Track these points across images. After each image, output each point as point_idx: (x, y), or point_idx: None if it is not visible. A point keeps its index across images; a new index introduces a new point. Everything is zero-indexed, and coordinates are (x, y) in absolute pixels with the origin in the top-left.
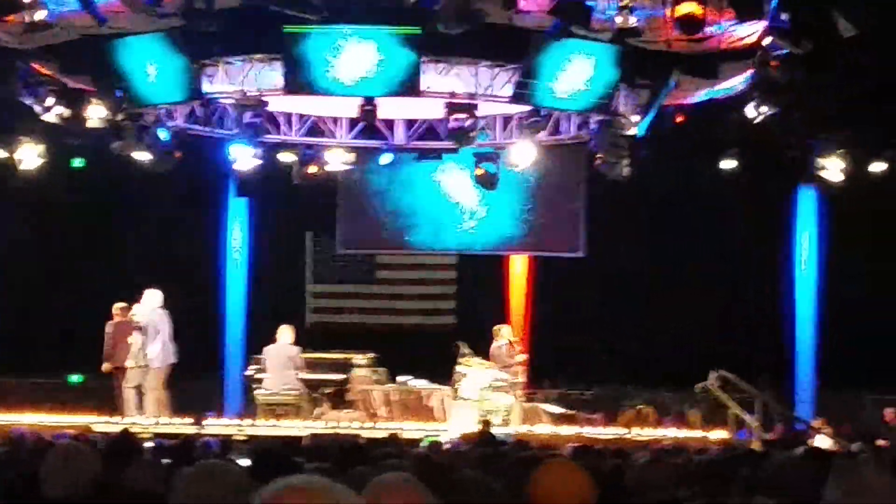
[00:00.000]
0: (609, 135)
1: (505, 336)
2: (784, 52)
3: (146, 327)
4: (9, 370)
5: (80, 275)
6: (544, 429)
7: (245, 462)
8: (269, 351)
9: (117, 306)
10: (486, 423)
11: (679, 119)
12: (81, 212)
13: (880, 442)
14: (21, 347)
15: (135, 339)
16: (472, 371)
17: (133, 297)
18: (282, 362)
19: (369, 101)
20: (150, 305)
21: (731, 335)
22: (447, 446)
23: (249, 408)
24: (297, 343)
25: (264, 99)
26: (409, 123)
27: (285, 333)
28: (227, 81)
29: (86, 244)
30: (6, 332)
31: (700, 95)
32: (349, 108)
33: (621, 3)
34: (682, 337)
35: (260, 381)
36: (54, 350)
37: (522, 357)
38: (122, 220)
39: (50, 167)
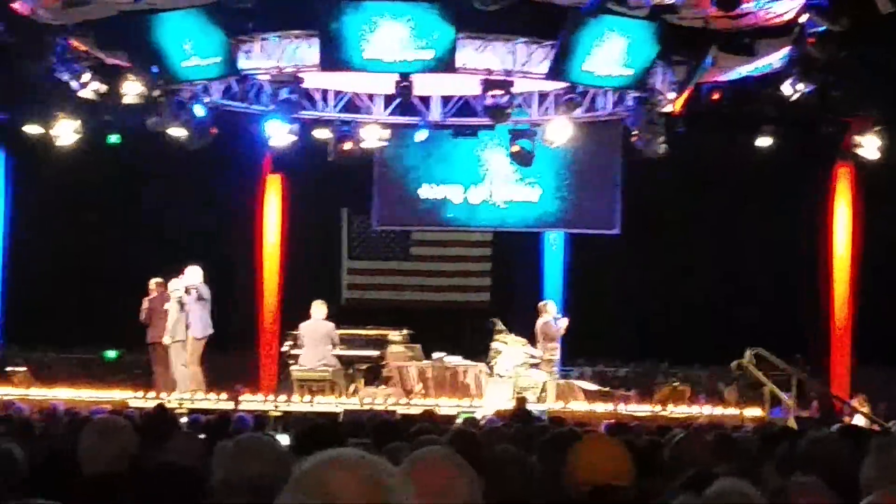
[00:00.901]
0: (645, 112)
1: (550, 312)
2: (821, 28)
3: (189, 299)
4: (46, 345)
5: (117, 251)
6: (579, 406)
7: (282, 437)
8: (304, 327)
9: (154, 281)
10: (522, 400)
11: (715, 96)
12: (117, 188)
13: None
14: (58, 323)
15: (171, 313)
16: (508, 348)
17: (168, 274)
18: (317, 338)
19: (405, 77)
20: (197, 279)
21: (766, 312)
22: (482, 423)
23: (285, 384)
24: (332, 319)
25: (300, 75)
26: (446, 100)
27: (318, 309)
28: (263, 57)
29: (122, 220)
30: (43, 307)
31: (737, 72)
32: (385, 84)
33: None
34: (717, 314)
35: (295, 357)
36: (91, 326)
37: (565, 322)
38: (158, 196)
39: (86, 143)
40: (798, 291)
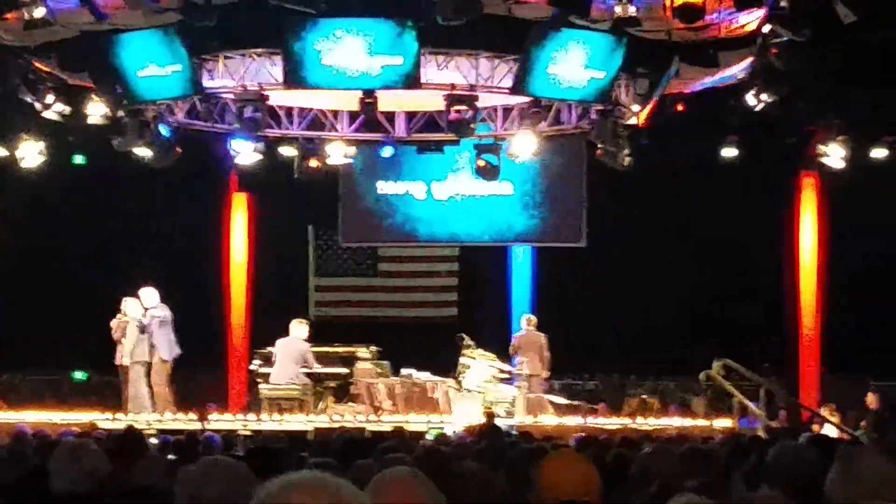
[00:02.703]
0: (610, 125)
1: (532, 325)
2: (784, 39)
3: (149, 324)
4: (12, 368)
5: (83, 271)
6: (549, 419)
7: None
8: (279, 344)
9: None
10: (490, 415)
11: (679, 107)
12: (83, 209)
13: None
14: (24, 345)
15: (129, 336)
16: (476, 363)
17: (133, 294)
18: (290, 357)
19: (369, 93)
20: (149, 303)
21: (734, 323)
22: (452, 439)
23: (254, 402)
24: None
25: (264, 93)
26: (410, 116)
27: (299, 328)
28: (226, 76)
29: (88, 241)
30: (9, 329)
31: (700, 84)
32: (349, 101)
33: None
34: (685, 326)
35: (263, 375)
36: (57, 347)
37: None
38: (124, 217)
39: (51, 164)
40: (765, 300)
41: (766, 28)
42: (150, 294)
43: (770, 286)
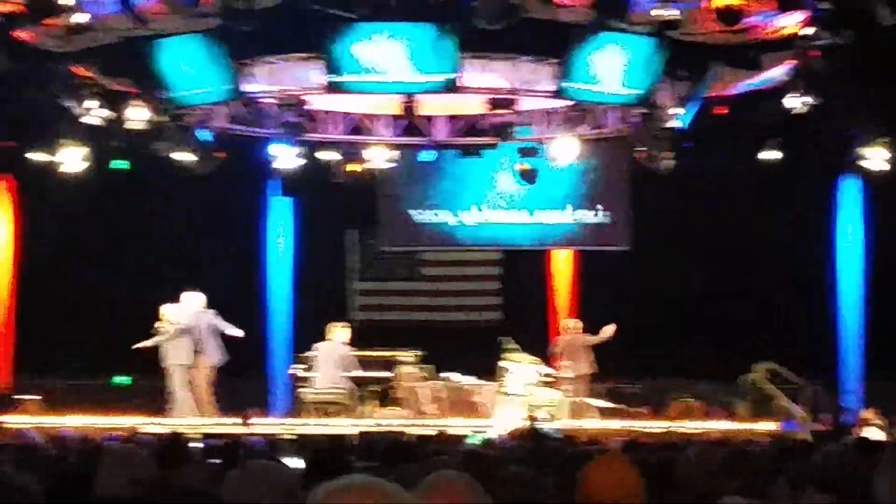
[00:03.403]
0: (651, 128)
1: (577, 329)
2: (825, 41)
3: (194, 328)
4: (57, 373)
5: (124, 277)
6: (592, 423)
7: (292, 461)
8: (320, 348)
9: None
10: (532, 419)
11: (720, 110)
12: (124, 214)
13: None
14: (68, 350)
15: (168, 340)
16: (518, 367)
17: (175, 299)
18: (334, 361)
19: (410, 98)
20: (193, 308)
21: (776, 327)
22: (496, 442)
23: (296, 407)
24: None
25: (305, 98)
26: (451, 120)
27: (340, 332)
28: (267, 81)
29: (129, 246)
30: (53, 335)
31: (741, 86)
32: (390, 105)
33: None
34: (727, 329)
35: (305, 379)
36: (101, 352)
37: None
38: (165, 222)
39: (92, 170)
40: (808, 303)
41: (808, 31)
42: (193, 299)
43: (812, 289)
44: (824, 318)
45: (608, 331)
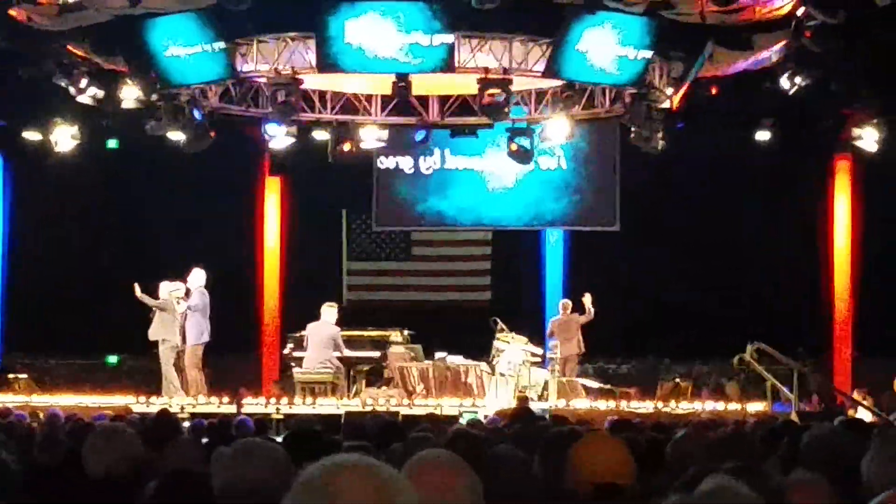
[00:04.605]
0: (643, 108)
1: (568, 309)
2: (818, 21)
3: (195, 305)
4: (47, 351)
5: (116, 256)
6: (581, 403)
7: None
8: (310, 328)
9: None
10: (523, 399)
11: (713, 91)
12: (116, 192)
13: None
14: (58, 329)
15: (157, 316)
16: (509, 346)
17: (168, 278)
18: (322, 341)
19: (402, 77)
20: (196, 283)
21: (767, 306)
22: (485, 422)
23: (286, 386)
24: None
25: (298, 77)
26: (443, 100)
27: (328, 312)
28: (260, 60)
29: (121, 225)
30: (44, 313)
31: (735, 67)
32: (383, 85)
33: None
34: (718, 309)
35: (296, 359)
36: (92, 331)
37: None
38: (158, 201)
39: (85, 148)
40: (799, 284)
41: (801, 10)
42: (197, 275)
43: (803, 269)
44: (816, 299)
45: (587, 301)
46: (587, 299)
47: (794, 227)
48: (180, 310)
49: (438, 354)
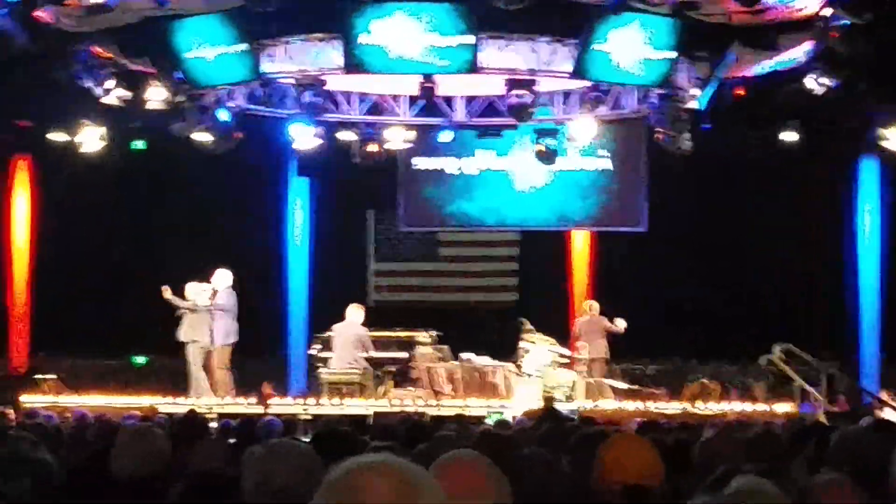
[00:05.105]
0: (669, 109)
1: (595, 310)
2: (845, 22)
3: (223, 306)
4: (74, 352)
5: (143, 257)
6: (609, 404)
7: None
8: (337, 328)
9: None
10: (549, 399)
11: (739, 92)
12: (143, 194)
13: None
14: (86, 330)
15: (186, 316)
16: (536, 347)
17: (194, 279)
18: (349, 341)
19: (428, 78)
20: (222, 284)
21: (795, 307)
22: (512, 423)
23: (313, 387)
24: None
25: (324, 78)
26: (469, 100)
27: (355, 313)
28: (286, 61)
29: (148, 226)
30: (71, 315)
31: (760, 68)
32: (409, 85)
33: None
34: (745, 310)
35: (323, 360)
36: (119, 332)
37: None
38: (184, 202)
39: (111, 150)
40: (826, 285)
41: (827, 11)
42: (222, 276)
43: (830, 270)
44: (843, 300)
45: (621, 325)
46: (621, 323)
47: (821, 227)
48: (202, 304)
49: (465, 355)
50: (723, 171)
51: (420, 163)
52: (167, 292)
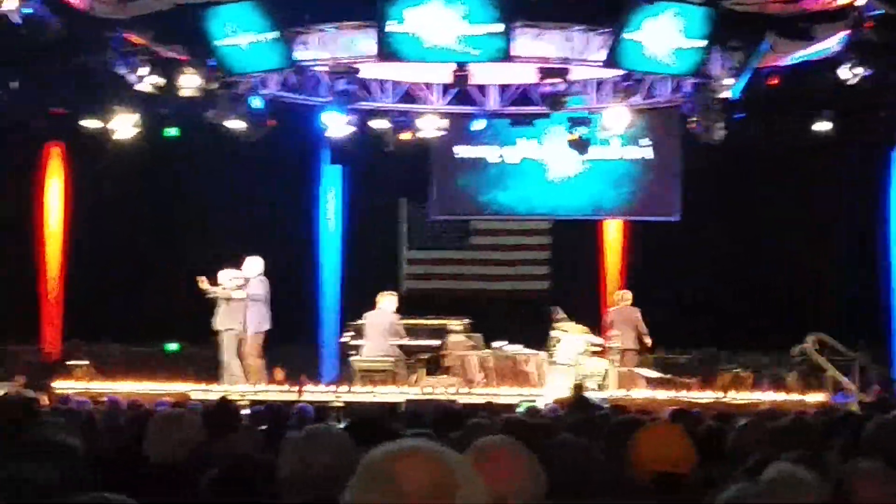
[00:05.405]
0: (703, 98)
1: (627, 300)
2: (879, 12)
3: (254, 294)
4: (107, 339)
5: (176, 243)
6: (641, 393)
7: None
8: (368, 316)
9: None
10: (579, 388)
11: (773, 81)
12: (176, 181)
13: None
14: (118, 316)
15: (220, 305)
16: (568, 335)
17: (228, 266)
18: (381, 329)
19: (462, 66)
20: (254, 272)
21: (826, 298)
22: (544, 411)
23: (346, 374)
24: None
25: (357, 66)
26: (503, 88)
27: (387, 300)
28: (319, 49)
29: (181, 212)
30: (104, 301)
31: (794, 57)
32: (442, 74)
33: None
34: (778, 300)
35: (355, 347)
36: (152, 319)
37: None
38: (217, 189)
39: (144, 137)
40: (858, 275)
41: (861, 1)
42: (253, 263)
43: (863, 260)
44: (875, 290)
45: (647, 340)
46: (647, 340)
47: (854, 217)
48: (236, 296)
49: (497, 343)
50: (756, 159)
51: (461, 151)
52: (203, 282)
